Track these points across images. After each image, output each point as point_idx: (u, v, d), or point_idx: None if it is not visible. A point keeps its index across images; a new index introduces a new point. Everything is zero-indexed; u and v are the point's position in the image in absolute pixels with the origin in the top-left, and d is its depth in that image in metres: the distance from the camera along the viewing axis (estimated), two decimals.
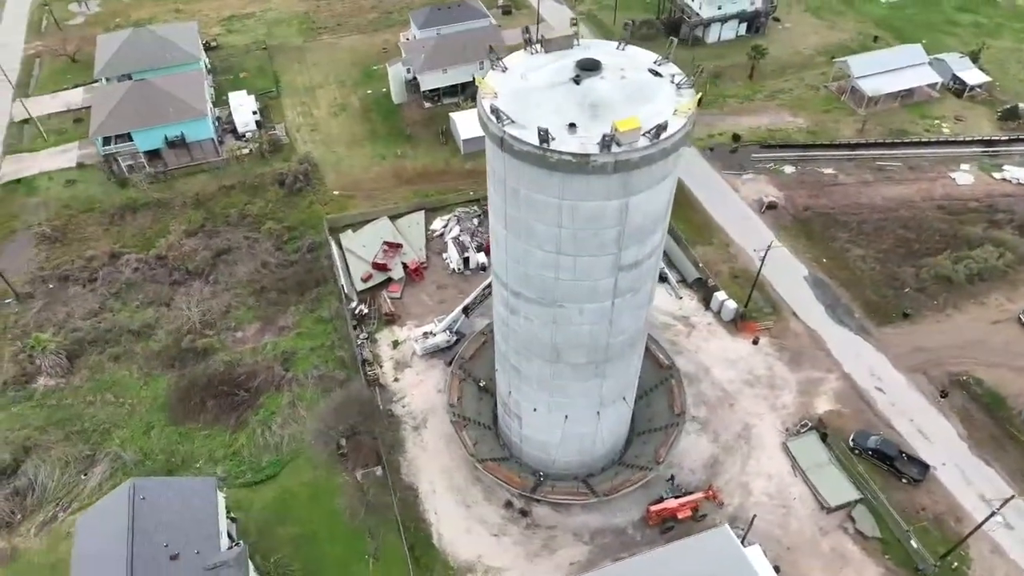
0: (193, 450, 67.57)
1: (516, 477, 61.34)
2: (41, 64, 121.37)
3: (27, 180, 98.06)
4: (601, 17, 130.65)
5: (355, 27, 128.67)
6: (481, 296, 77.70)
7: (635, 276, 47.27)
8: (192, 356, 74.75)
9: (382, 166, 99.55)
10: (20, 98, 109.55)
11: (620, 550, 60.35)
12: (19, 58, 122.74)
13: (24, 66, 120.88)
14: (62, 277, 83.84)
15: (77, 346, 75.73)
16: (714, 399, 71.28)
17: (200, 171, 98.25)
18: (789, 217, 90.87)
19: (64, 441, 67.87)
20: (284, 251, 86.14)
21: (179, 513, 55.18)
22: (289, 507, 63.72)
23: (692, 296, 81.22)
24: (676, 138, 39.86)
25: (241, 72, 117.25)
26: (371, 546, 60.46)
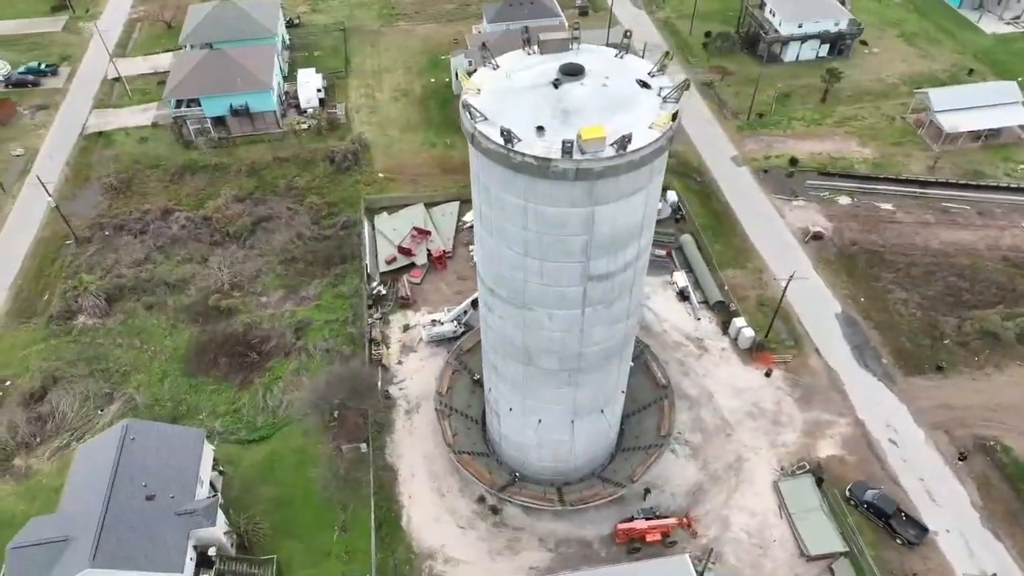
0: (199, 402, 71.34)
1: (487, 473, 61.59)
2: (141, 28, 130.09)
3: (107, 133, 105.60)
4: (679, 26, 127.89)
5: (432, 16, 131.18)
6: None
7: (607, 288, 46.57)
8: (216, 314, 78.81)
9: (430, 153, 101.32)
10: (116, 58, 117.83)
11: (581, 562, 59.66)
12: (123, 21, 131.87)
13: (126, 29, 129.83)
14: (118, 226, 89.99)
15: (117, 291, 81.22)
16: (712, 426, 69.10)
17: (260, 141, 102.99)
18: (834, 250, 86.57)
19: (88, 377, 73.05)
20: (320, 225, 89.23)
21: (163, 458, 58.53)
22: (275, 469, 66.34)
23: (712, 319, 78.81)
24: (646, 152, 39.01)
25: (316, 51, 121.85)
26: (340, 518, 62.23)
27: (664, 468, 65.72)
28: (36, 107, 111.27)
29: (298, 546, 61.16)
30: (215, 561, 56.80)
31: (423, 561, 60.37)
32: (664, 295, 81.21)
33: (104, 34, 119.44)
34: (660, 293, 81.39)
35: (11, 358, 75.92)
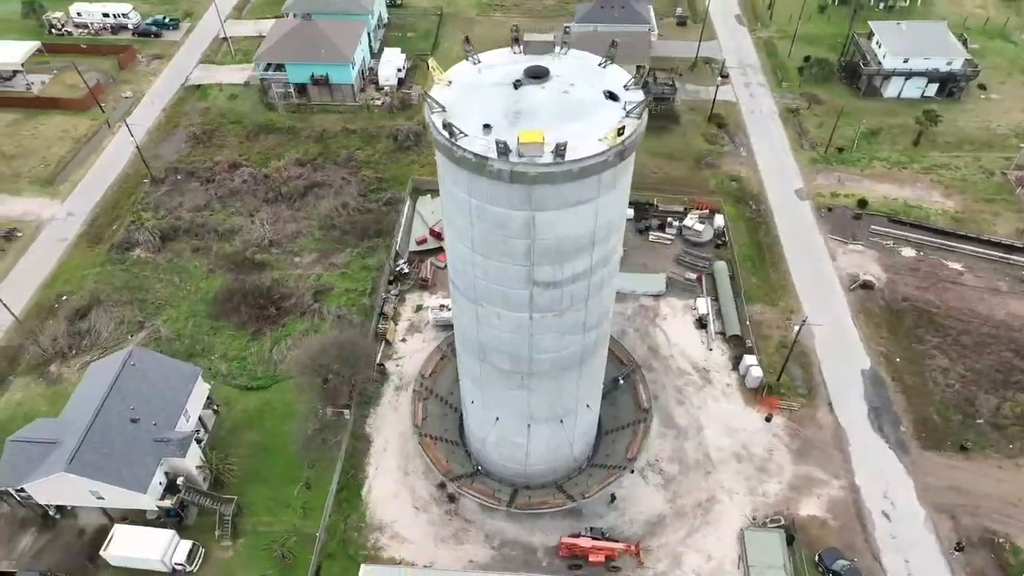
0: (214, 344, 76.39)
1: (444, 460, 62.37)
2: None
3: (205, 87, 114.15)
4: (779, 47, 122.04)
5: (528, 10, 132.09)
6: None
7: (554, 296, 46.06)
8: (250, 266, 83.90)
9: None
10: (231, 20, 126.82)
11: (520, 567, 59.46)
12: None
13: None
14: (190, 172, 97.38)
15: (172, 232, 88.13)
16: (692, 460, 66.55)
17: (334, 111, 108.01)
18: (880, 302, 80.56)
19: (128, 304, 79.93)
20: (367, 198, 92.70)
21: (156, 387, 63.43)
22: (263, 417, 70.18)
23: (724, 352, 75.57)
24: (586, 163, 38.29)
25: (410, 32, 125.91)
26: (306, 475, 65.09)
27: (630, 492, 64.18)
28: (153, 56, 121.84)
29: (264, 492, 64.59)
30: (181, 490, 61.12)
31: (371, 531, 62.17)
32: (682, 320, 78.60)
33: None
34: (679, 317, 78.84)
35: (72, 276, 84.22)
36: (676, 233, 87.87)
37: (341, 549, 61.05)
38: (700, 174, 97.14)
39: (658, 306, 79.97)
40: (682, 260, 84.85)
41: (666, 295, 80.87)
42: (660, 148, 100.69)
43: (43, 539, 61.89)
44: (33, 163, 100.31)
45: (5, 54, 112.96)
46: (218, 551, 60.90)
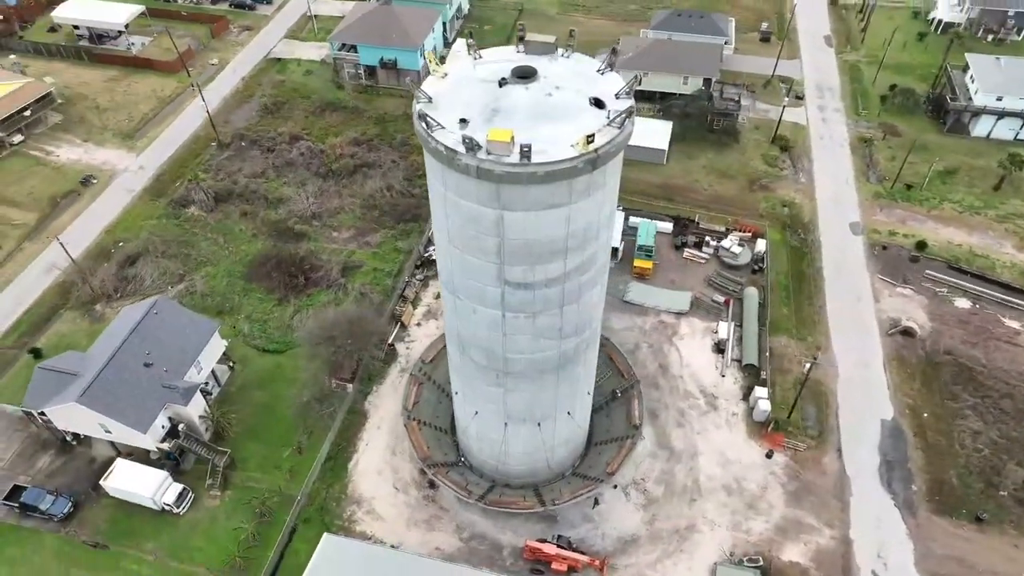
0: (243, 304, 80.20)
1: (426, 446, 63.25)
2: None
3: (284, 61, 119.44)
4: (865, 72, 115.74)
5: (609, 13, 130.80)
6: None
7: (526, 298, 45.95)
8: (289, 235, 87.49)
9: None
10: None
11: (483, 562, 59.72)
12: None
13: None
14: (253, 140, 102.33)
15: (226, 194, 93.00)
16: (680, 485, 64.82)
17: (398, 95, 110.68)
18: (919, 352, 75.65)
19: (173, 257, 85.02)
20: (412, 183, 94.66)
21: (174, 337, 67.32)
22: (273, 380, 73.24)
23: (737, 380, 73.01)
24: (553, 167, 38.02)
25: (487, 25, 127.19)
26: (300, 440, 67.57)
27: (610, 506, 63.26)
28: (243, 27, 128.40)
29: (258, 450, 67.58)
30: (180, 436, 64.78)
31: (350, 504, 63.94)
32: (700, 342, 76.39)
33: None
34: (697, 339, 76.67)
35: (132, 225, 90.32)
36: (712, 253, 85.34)
37: (318, 515, 63.14)
38: (751, 195, 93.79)
39: (678, 325, 78.03)
40: (713, 281, 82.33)
41: (689, 314, 78.79)
42: (715, 165, 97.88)
43: (59, 461, 67.10)
44: (121, 118, 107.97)
45: (111, 15, 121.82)
46: (207, 499, 64.23)
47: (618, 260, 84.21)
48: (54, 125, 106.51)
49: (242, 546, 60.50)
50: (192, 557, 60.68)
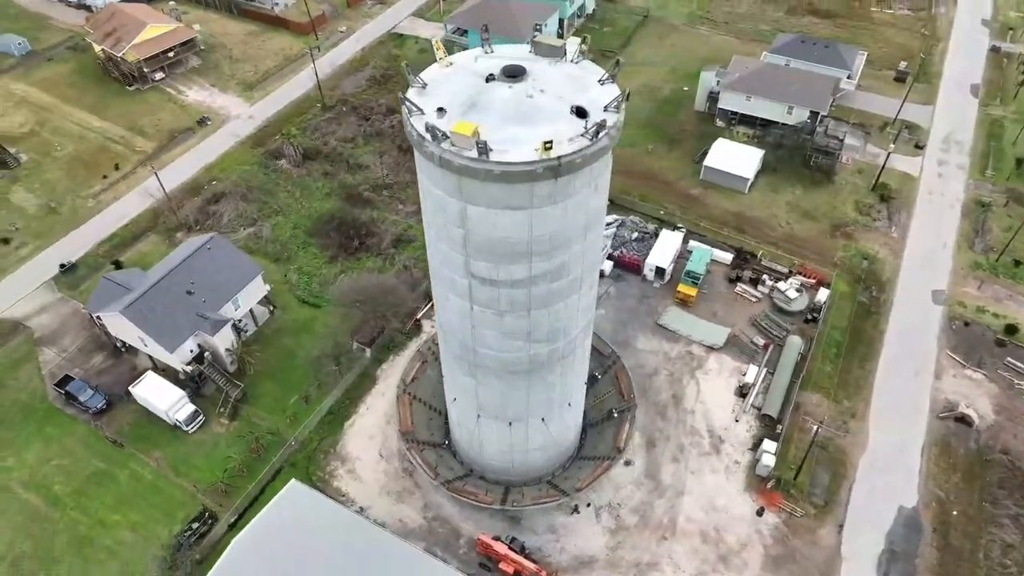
0: (298, 256, 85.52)
1: (409, 421, 64.93)
2: None
3: (404, 37, 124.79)
4: (1008, 130, 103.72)
5: (737, 30, 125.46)
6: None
7: (492, 295, 46.20)
8: (358, 200, 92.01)
9: (626, 150, 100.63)
10: None
11: (438, 544, 60.87)
12: None
13: None
14: (354, 107, 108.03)
15: (314, 152, 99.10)
16: (655, 520, 62.58)
17: None
18: (970, 444, 68.07)
19: (252, 202, 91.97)
20: None
21: (220, 273, 73.15)
22: (303, 330, 77.78)
23: (751, 428, 69.05)
24: (508, 168, 38.03)
25: (607, 27, 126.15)
26: (309, 390, 71.53)
27: (577, 523, 62.29)
28: (378, 1, 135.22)
29: (271, 391, 72.30)
30: (204, 362, 70.55)
31: (333, 460, 67.08)
32: (724, 381, 72.82)
33: None
34: (722, 377, 73.13)
35: (227, 167, 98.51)
36: (767, 293, 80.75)
37: (304, 462, 66.80)
38: (830, 241, 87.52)
39: (707, 359, 74.74)
40: (758, 322, 77.97)
41: (722, 351, 75.24)
42: (800, 203, 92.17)
43: (107, 364, 75.15)
44: (248, 69, 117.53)
45: None
46: (215, 424, 69.72)
47: (664, 281, 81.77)
48: (192, 68, 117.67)
49: (229, 474, 65.32)
50: (188, 473, 66.24)
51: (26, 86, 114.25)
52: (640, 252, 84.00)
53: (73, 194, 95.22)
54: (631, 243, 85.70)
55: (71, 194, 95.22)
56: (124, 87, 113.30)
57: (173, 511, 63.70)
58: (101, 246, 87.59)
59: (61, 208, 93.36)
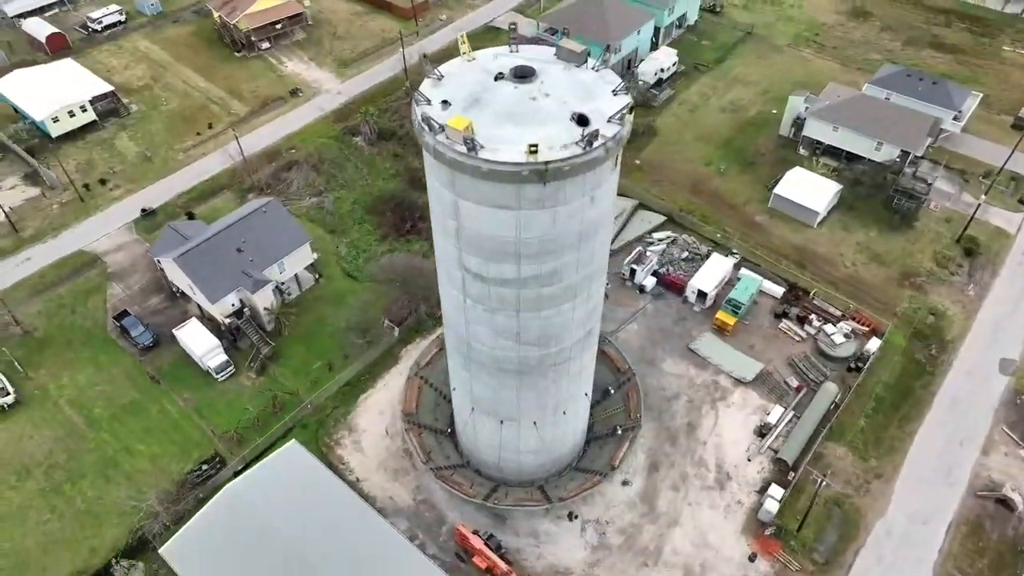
0: (352, 230, 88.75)
1: (413, 403, 66.17)
2: None
3: (499, 31, 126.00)
4: None
5: (843, 57, 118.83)
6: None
7: (482, 291, 46.54)
8: (419, 184, 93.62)
9: (699, 168, 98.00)
10: None
11: (420, 527, 62.01)
12: None
13: None
14: None
15: (389, 134, 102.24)
16: (640, 545, 61.12)
17: None
18: (1007, 530, 62.27)
19: (322, 174, 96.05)
20: None
21: (271, 236, 77.05)
22: (341, 301, 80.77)
23: (762, 470, 65.94)
24: (493, 166, 38.15)
25: (704, 40, 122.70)
26: (334, 359, 74.34)
27: (560, 532, 61.82)
28: None
29: (299, 354, 75.69)
30: (242, 317, 74.71)
31: (342, 429, 69.46)
32: (745, 417, 69.84)
33: None
34: (744, 413, 70.17)
35: (307, 138, 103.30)
36: (812, 334, 76.62)
37: (314, 425, 69.61)
38: (897, 290, 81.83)
39: (732, 391, 71.92)
40: (796, 362, 74.18)
41: (750, 386, 72.20)
42: (872, 245, 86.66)
43: (162, 305, 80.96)
44: (346, 47, 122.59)
45: None
46: (243, 377, 73.73)
47: (705, 306, 79.21)
48: (296, 41, 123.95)
49: (243, 424, 69.02)
50: (209, 417, 70.51)
51: (150, 44, 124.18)
52: (686, 273, 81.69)
53: (168, 146, 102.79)
54: (679, 262, 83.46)
55: (166, 146, 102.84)
56: (233, 53, 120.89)
57: (189, 450, 68.07)
58: (180, 197, 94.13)
59: (155, 158, 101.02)
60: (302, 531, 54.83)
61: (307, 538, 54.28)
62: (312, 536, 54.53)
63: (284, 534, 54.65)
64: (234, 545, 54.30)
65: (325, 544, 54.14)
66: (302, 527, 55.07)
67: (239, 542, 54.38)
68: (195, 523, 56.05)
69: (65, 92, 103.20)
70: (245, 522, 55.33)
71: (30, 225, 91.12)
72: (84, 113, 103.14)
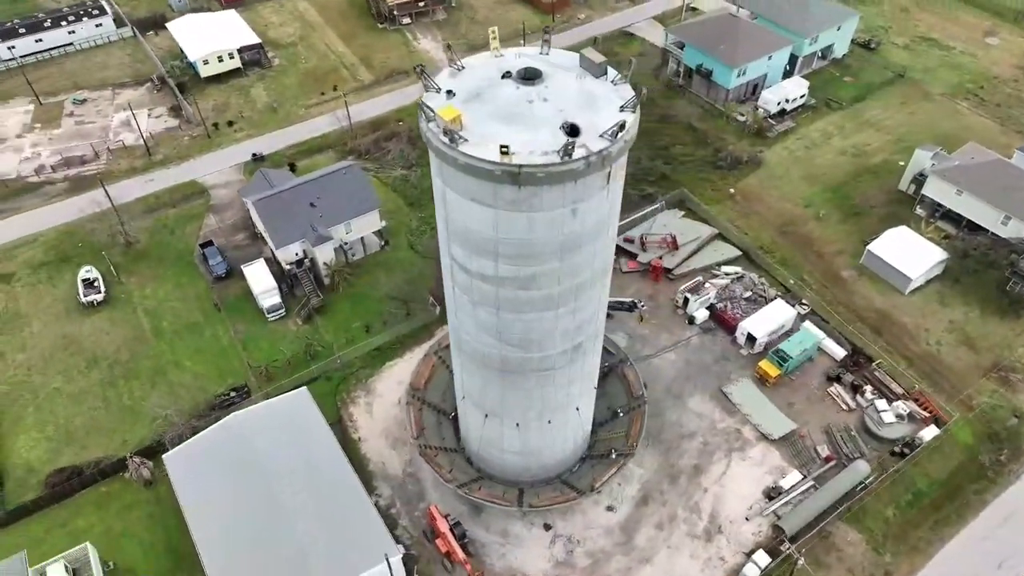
0: (426, 206, 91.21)
1: (424, 379, 67.85)
2: None
3: (632, 38, 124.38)
4: None
5: (1005, 116, 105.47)
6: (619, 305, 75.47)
7: (466, 282, 47.28)
8: None
9: (797, 208, 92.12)
10: None
11: (400, 498, 64.07)
12: None
13: None
14: None
15: None
16: (603, 574, 59.45)
17: (697, 104, 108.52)
18: None
19: (416, 149, 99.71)
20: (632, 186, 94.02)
21: (344, 197, 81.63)
22: (398, 270, 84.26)
23: (759, 531, 61.74)
24: (467, 160, 38.75)
25: (847, 76, 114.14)
26: (374, 323, 77.91)
27: (529, 536, 61.62)
28: None
29: (344, 311, 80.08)
30: (302, 266, 79.99)
31: (360, 389, 72.78)
32: (758, 475, 65.53)
33: None
34: (759, 470, 65.87)
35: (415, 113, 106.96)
36: (863, 406, 70.31)
37: (338, 379, 73.47)
38: (980, 381, 73.00)
39: (754, 446, 67.73)
40: (833, 432, 68.49)
41: (775, 444, 67.66)
42: (966, 326, 77.81)
43: (243, 242, 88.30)
44: (481, 33, 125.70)
45: None
46: (290, 322, 79.07)
47: (753, 351, 74.90)
48: (435, 21, 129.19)
49: (273, 363, 74.15)
50: (251, 351, 76.43)
51: (308, 5, 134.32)
52: (744, 313, 77.52)
53: (293, 101, 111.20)
54: (739, 301, 79.31)
55: (292, 101, 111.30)
56: (376, 24, 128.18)
57: (226, 376, 74.24)
58: (290, 148, 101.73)
59: (280, 109, 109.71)
60: (282, 469, 58.51)
61: (284, 477, 57.90)
62: (289, 477, 58.06)
63: (266, 468, 58.65)
64: (221, 467, 59.04)
65: (298, 486, 57.47)
66: (284, 466, 58.75)
67: (225, 465, 59.04)
68: (196, 440, 61.45)
69: (220, 39, 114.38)
70: (236, 449, 59.88)
71: (162, 151, 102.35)
72: (231, 60, 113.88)
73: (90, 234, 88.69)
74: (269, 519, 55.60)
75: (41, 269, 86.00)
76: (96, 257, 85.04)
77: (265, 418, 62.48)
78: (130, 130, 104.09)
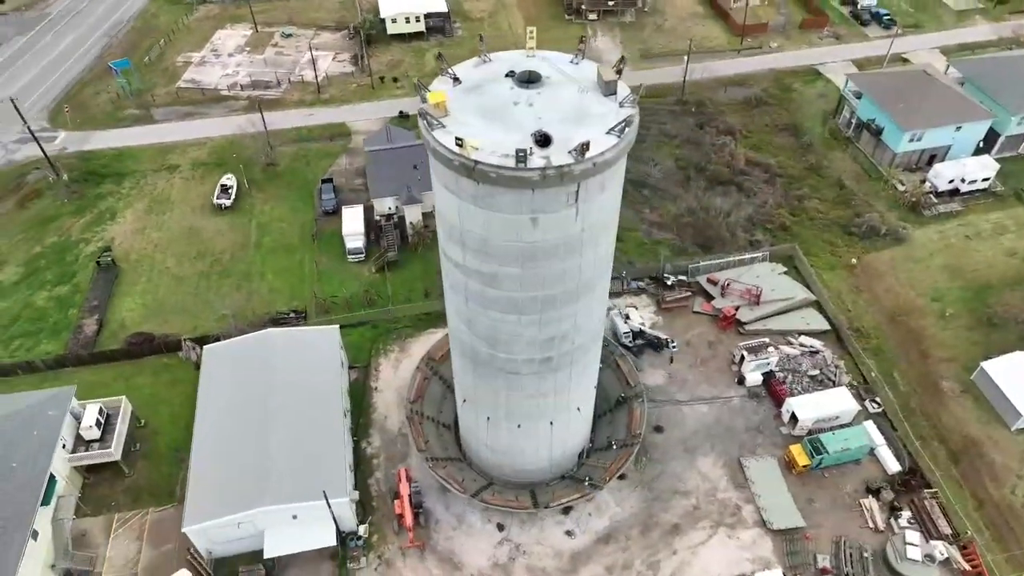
0: None
1: (425, 366, 69.70)
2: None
3: (817, 77, 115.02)
4: None
5: None
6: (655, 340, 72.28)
7: (458, 277, 47.72)
8: None
9: (920, 298, 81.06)
10: None
11: (388, 458, 67.09)
12: None
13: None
14: (700, 110, 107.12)
15: None
16: None
17: (859, 162, 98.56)
18: None
19: None
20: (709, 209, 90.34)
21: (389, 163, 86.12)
22: None
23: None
24: (435, 145, 40.06)
25: None
26: (436, 287, 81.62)
27: (480, 533, 62.11)
28: (836, 34, 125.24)
29: (413, 272, 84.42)
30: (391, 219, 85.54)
31: (396, 344, 76.62)
32: (740, 559, 60.15)
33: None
34: (744, 554, 60.41)
35: None
36: (891, 532, 61.56)
37: (382, 328, 77.90)
38: None
39: (748, 528, 62.04)
40: (843, 546, 60.67)
41: (771, 534, 61.58)
42: None
43: (362, 187, 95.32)
44: (660, 41, 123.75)
45: None
46: (366, 269, 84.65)
47: (792, 432, 68.29)
48: (622, 22, 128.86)
49: (333, 298, 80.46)
50: (323, 283, 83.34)
51: None
52: (800, 390, 70.69)
53: None
54: (802, 376, 72.27)
55: None
56: (563, 15, 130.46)
57: (294, 297, 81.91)
58: None
59: None
60: (285, 389, 63.96)
61: (283, 396, 63.30)
62: (287, 397, 63.28)
63: (272, 383, 64.24)
64: (239, 371, 65.93)
65: (291, 408, 62.48)
66: (288, 386, 64.13)
67: (243, 370, 65.80)
68: (234, 342, 69.02)
69: (412, 2, 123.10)
70: (257, 360, 66.22)
71: (329, 92, 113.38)
72: (417, 23, 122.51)
73: (244, 148, 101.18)
74: (254, 427, 61.32)
75: (199, 168, 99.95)
76: (239, 169, 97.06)
77: (293, 341, 68.51)
78: (312, 68, 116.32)
